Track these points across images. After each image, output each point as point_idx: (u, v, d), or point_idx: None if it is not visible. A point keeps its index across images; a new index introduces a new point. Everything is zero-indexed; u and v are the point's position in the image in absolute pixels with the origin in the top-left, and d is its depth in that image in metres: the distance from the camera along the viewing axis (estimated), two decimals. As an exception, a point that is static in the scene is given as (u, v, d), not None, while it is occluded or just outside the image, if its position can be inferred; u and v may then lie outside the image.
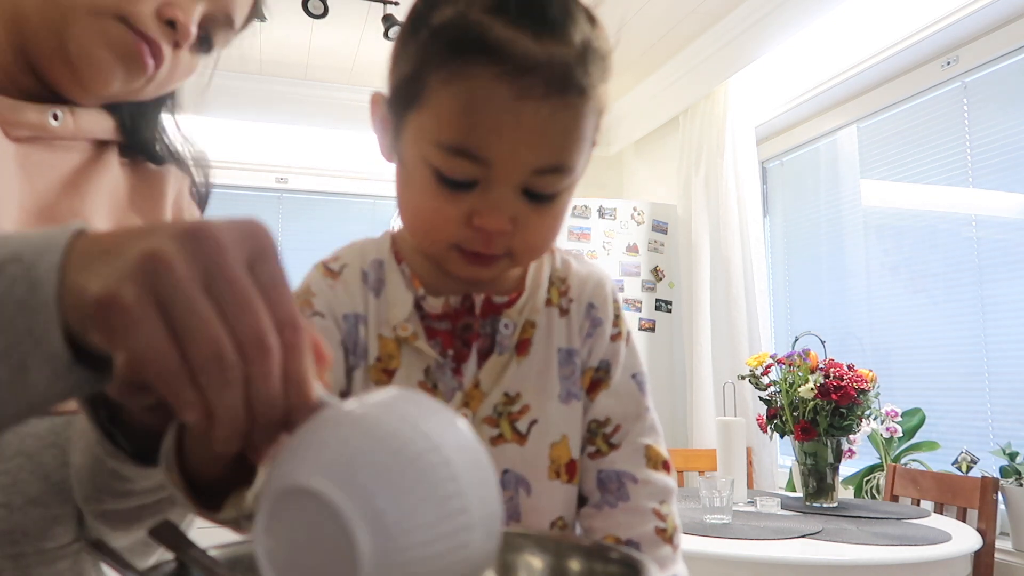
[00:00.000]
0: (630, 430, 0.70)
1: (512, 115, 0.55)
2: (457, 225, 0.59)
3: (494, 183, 0.58)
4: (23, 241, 0.38)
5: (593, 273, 0.73)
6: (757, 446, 2.84)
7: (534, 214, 0.60)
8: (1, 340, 0.36)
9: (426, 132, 0.58)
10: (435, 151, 0.57)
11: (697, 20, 3.04)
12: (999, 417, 2.25)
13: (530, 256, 0.66)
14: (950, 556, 1.56)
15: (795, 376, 2.06)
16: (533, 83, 0.55)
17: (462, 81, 0.56)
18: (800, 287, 3.12)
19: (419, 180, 0.60)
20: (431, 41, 0.57)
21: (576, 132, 0.58)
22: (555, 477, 0.67)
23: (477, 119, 0.56)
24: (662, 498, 0.68)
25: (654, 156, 3.85)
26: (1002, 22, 2.26)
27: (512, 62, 0.55)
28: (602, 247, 3.33)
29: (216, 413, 0.36)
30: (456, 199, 0.59)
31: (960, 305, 2.38)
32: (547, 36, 0.55)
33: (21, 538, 0.58)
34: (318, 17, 2.70)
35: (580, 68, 0.57)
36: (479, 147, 0.56)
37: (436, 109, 0.57)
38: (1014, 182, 2.25)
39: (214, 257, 0.36)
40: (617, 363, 0.71)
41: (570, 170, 0.59)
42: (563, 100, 0.56)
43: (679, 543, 0.68)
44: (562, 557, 0.52)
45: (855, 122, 2.84)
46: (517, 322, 0.68)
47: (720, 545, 1.54)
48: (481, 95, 0.55)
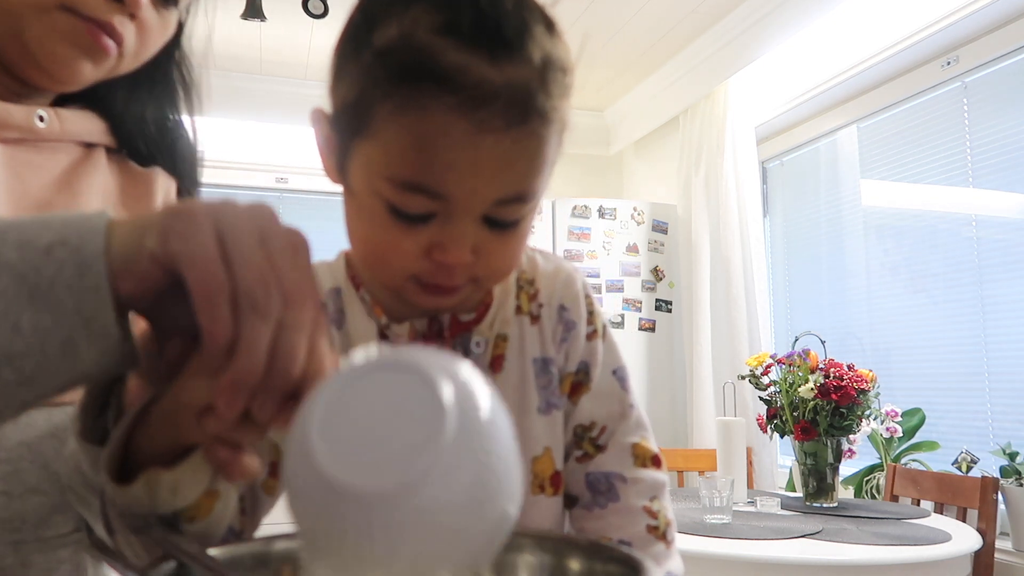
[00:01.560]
0: (616, 430, 0.69)
1: (471, 150, 0.51)
2: (415, 259, 0.55)
3: (453, 216, 0.53)
4: (64, 224, 0.39)
5: (561, 269, 0.70)
6: (757, 446, 2.84)
7: (496, 241, 0.56)
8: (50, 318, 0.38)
9: (376, 165, 0.53)
10: (386, 185, 0.52)
11: (697, 20, 3.04)
12: (999, 417, 2.25)
13: (495, 281, 0.63)
14: (950, 556, 1.56)
15: (795, 376, 2.06)
16: (492, 114, 0.50)
17: (413, 112, 0.50)
18: (800, 287, 3.12)
19: (370, 211, 0.55)
20: (375, 65, 0.51)
21: (539, 159, 0.54)
22: (539, 492, 0.66)
23: (432, 154, 0.51)
24: (652, 495, 0.68)
25: (654, 156, 3.85)
26: (1002, 22, 2.26)
27: (468, 91, 0.49)
28: (602, 247, 3.33)
29: (239, 347, 0.37)
30: (412, 232, 0.54)
31: (960, 305, 2.38)
32: (504, 58, 0.50)
33: (21, 526, 0.59)
34: (318, 17, 2.70)
35: (541, 90, 0.52)
36: (435, 183, 0.52)
37: (386, 142, 0.52)
38: (1014, 182, 2.25)
39: (269, 220, 0.40)
40: (596, 363, 0.69)
41: (533, 196, 0.56)
42: (525, 129, 0.52)
43: (673, 538, 0.67)
44: (562, 557, 0.52)
45: (855, 122, 2.84)
46: (488, 338, 0.65)
47: (720, 545, 1.54)
48: (436, 129, 0.50)
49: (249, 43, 3.26)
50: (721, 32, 3.06)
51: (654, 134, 3.77)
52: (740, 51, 3.00)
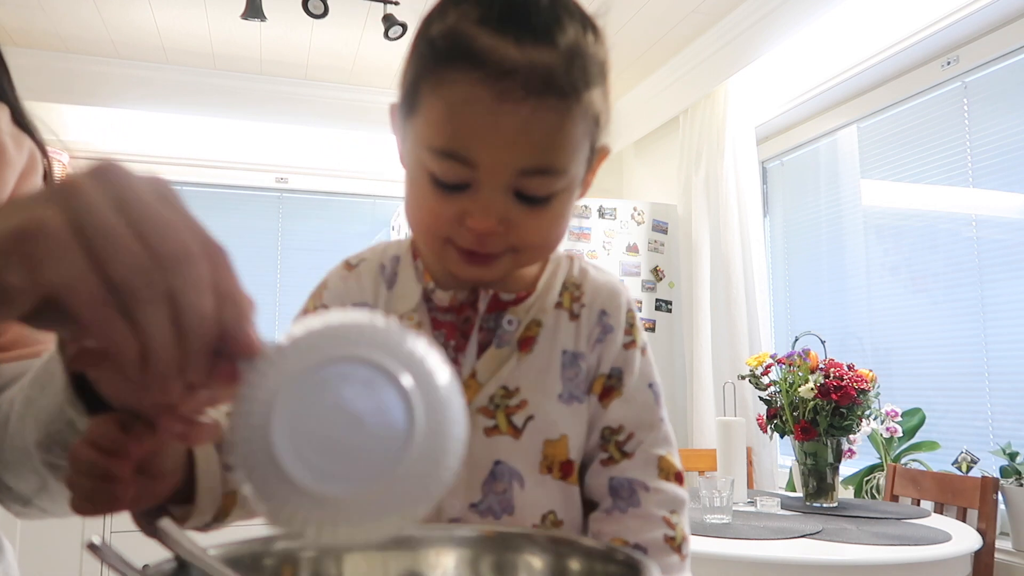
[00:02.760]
0: (644, 440, 0.70)
1: (492, 117, 0.57)
2: (451, 224, 0.61)
3: (483, 185, 0.59)
4: None
5: (610, 282, 0.74)
6: (757, 446, 2.84)
7: (528, 216, 0.61)
8: None
9: (420, 137, 0.60)
10: (428, 155, 0.60)
11: (697, 20, 3.04)
12: (999, 417, 2.25)
13: (534, 253, 0.67)
14: (950, 556, 1.56)
15: (795, 376, 2.06)
16: (512, 86, 0.56)
17: (447, 86, 0.58)
18: (800, 287, 3.12)
19: (418, 182, 0.62)
20: (426, 52, 0.60)
21: (560, 134, 0.59)
22: (546, 472, 0.68)
23: (460, 122, 0.58)
24: (673, 508, 0.69)
25: (654, 156, 3.85)
26: (1002, 22, 2.26)
27: (491, 67, 0.56)
28: (602, 247, 3.33)
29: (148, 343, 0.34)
30: (450, 200, 0.61)
31: (960, 305, 2.38)
32: (528, 42, 0.57)
33: None
34: (318, 17, 2.70)
35: (563, 71, 0.58)
36: (464, 149, 0.58)
37: (427, 115, 0.60)
38: (1014, 182, 2.25)
39: (124, 182, 0.36)
40: (631, 371, 0.72)
41: (559, 172, 0.60)
42: (542, 102, 0.57)
43: (687, 553, 0.68)
44: (562, 557, 0.52)
45: (855, 122, 2.84)
46: (522, 319, 0.69)
47: (720, 545, 1.54)
48: (463, 99, 0.57)
49: (249, 43, 3.26)
50: (721, 32, 3.06)
51: (654, 134, 3.77)
52: (740, 51, 3.00)
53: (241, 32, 3.14)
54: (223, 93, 3.56)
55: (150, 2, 2.92)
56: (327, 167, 3.75)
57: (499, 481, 0.67)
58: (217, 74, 3.54)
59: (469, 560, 0.54)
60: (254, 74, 3.56)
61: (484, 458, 0.67)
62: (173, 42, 3.24)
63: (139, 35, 3.18)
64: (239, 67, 3.51)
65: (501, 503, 0.67)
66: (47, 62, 3.31)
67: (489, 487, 0.67)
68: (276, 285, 3.74)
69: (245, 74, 3.55)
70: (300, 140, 3.75)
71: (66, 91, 3.36)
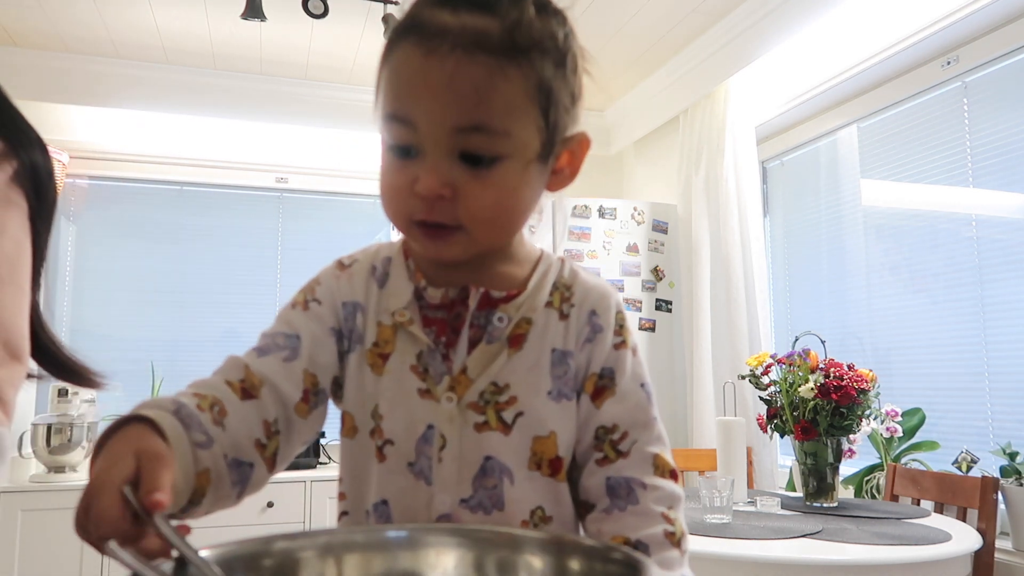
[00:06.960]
0: (638, 438, 0.71)
1: (422, 73, 0.60)
2: (406, 195, 0.63)
3: (426, 146, 0.62)
4: None
5: (600, 285, 0.75)
6: (757, 446, 2.84)
7: (473, 181, 0.62)
8: None
9: (378, 111, 0.65)
10: (382, 125, 0.64)
11: (697, 20, 3.04)
12: (999, 417, 2.25)
13: (481, 229, 0.65)
14: (950, 556, 1.56)
15: (795, 376, 2.06)
16: (440, 43, 0.59)
17: (392, 56, 0.63)
18: (800, 287, 3.12)
19: (383, 160, 0.66)
20: (389, 36, 0.65)
21: (490, 90, 0.60)
22: (535, 468, 0.69)
23: (398, 83, 0.62)
24: (670, 504, 0.69)
25: (654, 156, 3.85)
26: (1002, 22, 2.26)
27: (426, 30, 0.60)
28: (602, 247, 3.33)
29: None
30: (403, 169, 0.63)
31: (960, 305, 2.38)
32: (465, 10, 0.60)
33: None
34: (318, 17, 2.70)
35: (498, 34, 0.60)
36: (401, 109, 0.62)
37: (379, 88, 0.64)
38: (1014, 182, 2.25)
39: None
40: (623, 371, 0.72)
41: (497, 132, 0.61)
42: (470, 56, 0.59)
43: (686, 549, 0.69)
44: (562, 557, 0.52)
45: (855, 122, 2.84)
46: (512, 316, 0.70)
47: (720, 545, 1.54)
48: (400, 61, 0.62)
49: (249, 43, 3.26)
50: (721, 32, 3.06)
51: (654, 134, 3.77)
52: (740, 51, 3.00)
53: (241, 32, 3.14)
54: (223, 93, 3.56)
55: (150, 2, 2.92)
56: (327, 167, 3.75)
57: (489, 476, 0.67)
58: (217, 74, 3.54)
59: (469, 560, 0.54)
60: (254, 74, 3.56)
61: (474, 453, 0.68)
62: (173, 42, 3.24)
63: (139, 35, 3.18)
64: (239, 67, 3.50)
65: (491, 498, 0.67)
66: (47, 62, 3.31)
67: (479, 482, 0.67)
68: (276, 285, 3.74)
69: (245, 74, 3.55)
70: (300, 140, 3.75)
71: (66, 91, 3.36)
